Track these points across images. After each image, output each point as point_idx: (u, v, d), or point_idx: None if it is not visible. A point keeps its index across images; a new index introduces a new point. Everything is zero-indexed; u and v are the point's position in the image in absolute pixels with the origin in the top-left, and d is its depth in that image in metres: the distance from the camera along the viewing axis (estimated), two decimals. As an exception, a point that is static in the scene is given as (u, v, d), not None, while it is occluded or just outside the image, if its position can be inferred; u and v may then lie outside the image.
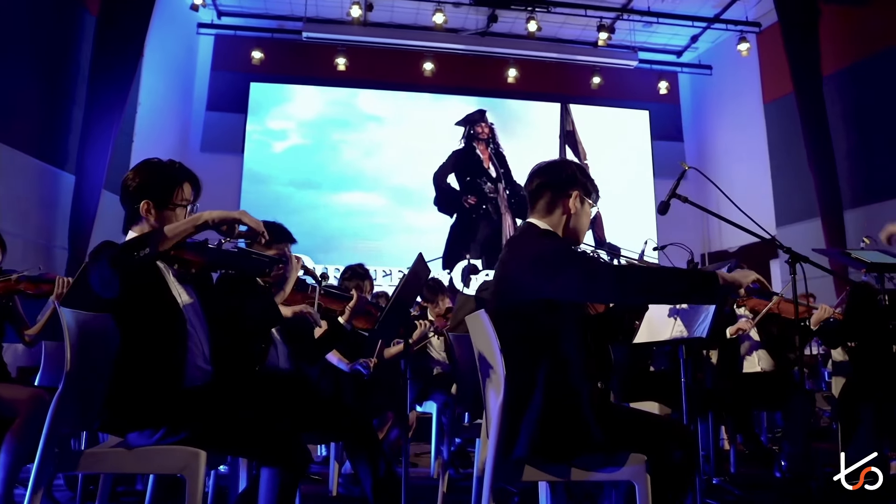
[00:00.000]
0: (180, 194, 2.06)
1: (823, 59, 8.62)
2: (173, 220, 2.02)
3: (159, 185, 2.03)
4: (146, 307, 1.93)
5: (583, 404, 1.88)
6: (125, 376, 1.92)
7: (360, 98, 10.26)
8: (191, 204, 2.08)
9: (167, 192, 2.03)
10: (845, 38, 8.53)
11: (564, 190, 2.07)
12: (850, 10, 8.43)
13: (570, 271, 1.86)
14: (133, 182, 2.03)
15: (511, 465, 1.89)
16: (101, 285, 1.80)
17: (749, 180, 9.83)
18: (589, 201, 2.11)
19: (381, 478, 2.60)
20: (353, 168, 9.96)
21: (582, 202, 2.08)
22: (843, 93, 8.50)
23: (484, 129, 10.41)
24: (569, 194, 2.07)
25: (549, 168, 2.13)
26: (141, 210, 2.01)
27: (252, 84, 10.00)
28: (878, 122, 8.13)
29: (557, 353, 1.91)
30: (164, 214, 2.03)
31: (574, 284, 1.86)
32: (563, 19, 9.85)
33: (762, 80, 9.90)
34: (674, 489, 1.89)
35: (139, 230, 2.03)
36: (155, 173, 2.06)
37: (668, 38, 10.46)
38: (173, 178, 2.06)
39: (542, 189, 2.09)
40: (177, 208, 2.05)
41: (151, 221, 2.02)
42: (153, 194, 2.02)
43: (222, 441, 1.91)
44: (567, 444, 1.86)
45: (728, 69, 10.34)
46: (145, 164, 2.09)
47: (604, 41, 9.60)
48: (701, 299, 2.15)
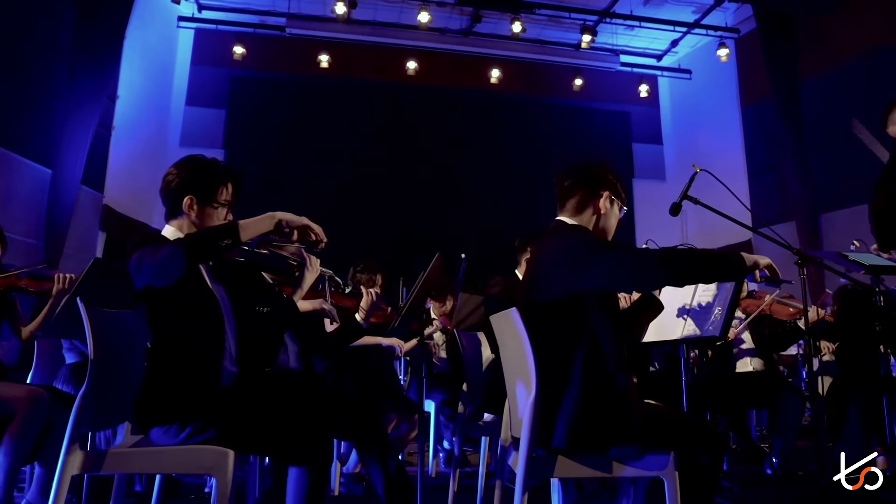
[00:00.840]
0: (224, 193, 2.07)
1: (801, 65, 8.83)
2: (214, 217, 2.04)
3: (204, 182, 2.04)
4: (187, 303, 1.93)
5: (620, 394, 1.91)
6: (159, 372, 1.91)
7: (343, 95, 10.17)
8: (231, 204, 2.09)
9: (211, 190, 2.04)
10: (822, 46, 8.73)
11: (596, 190, 2.10)
12: (827, 19, 8.63)
13: (611, 258, 1.89)
14: (177, 177, 2.03)
15: (543, 460, 1.90)
16: (156, 273, 1.79)
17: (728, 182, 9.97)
18: (618, 202, 2.14)
19: (393, 476, 2.57)
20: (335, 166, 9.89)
21: (612, 203, 2.12)
22: (820, 98, 8.70)
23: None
24: (600, 194, 2.10)
25: (582, 168, 2.16)
26: (184, 205, 2.01)
27: (233, 79, 9.86)
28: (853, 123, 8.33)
29: (594, 347, 1.94)
30: (206, 211, 2.04)
31: (614, 272, 1.89)
32: (547, 21, 9.91)
33: (740, 84, 10.09)
34: (701, 488, 1.91)
35: (178, 225, 2.04)
36: (200, 170, 2.06)
37: (649, 41, 10.59)
38: (218, 175, 2.07)
39: (573, 188, 2.12)
40: (219, 207, 2.05)
41: (192, 217, 2.03)
42: (198, 190, 2.02)
43: (251, 440, 1.88)
44: (605, 433, 1.88)
45: (707, 73, 10.51)
46: (190, 160, 2.09)
47: (587, 44, 9.69)
48: (731, 277, 2.21)
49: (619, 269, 1.89)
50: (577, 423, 1.88)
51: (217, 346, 1.96)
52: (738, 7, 9.58)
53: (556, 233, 2.12)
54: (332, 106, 10.06)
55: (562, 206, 2.16)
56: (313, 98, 10.01)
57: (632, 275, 1.91)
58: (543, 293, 2.01)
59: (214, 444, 1.83)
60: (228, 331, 2.03)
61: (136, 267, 1.86)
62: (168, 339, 1.93)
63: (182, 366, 1.90)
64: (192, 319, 1.94)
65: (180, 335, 1.92)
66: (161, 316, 1.93)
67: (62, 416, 2.67)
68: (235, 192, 2.10)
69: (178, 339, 1.92)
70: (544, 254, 2.09)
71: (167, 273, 1.78)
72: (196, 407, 1.87)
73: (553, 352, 1.92)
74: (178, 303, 1.91)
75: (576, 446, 1.89)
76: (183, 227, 2.03)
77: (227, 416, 1.87)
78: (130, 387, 2.00)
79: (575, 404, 1.89)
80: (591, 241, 2.00)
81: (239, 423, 1.87)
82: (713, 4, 9.51)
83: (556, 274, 1.99)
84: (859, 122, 4.00)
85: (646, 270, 1.87)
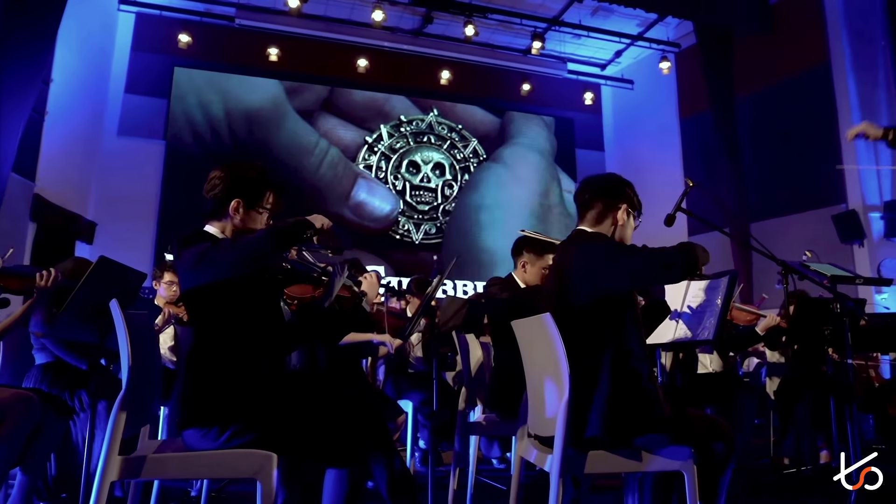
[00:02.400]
0: (268, 199, 2.08)
1: (736, 82, 9.35)
2: (258, 222, 2.06)
3: (252, 187, 2.05)
4: (240, 306, 1.92)
5: (646, 388, 2.04)
6: (203, 372, 1.89)
7: (292, 90, 10.00)
8: (273, 212, 2.10)
9: (258, 195, 2.06)
10: (756, 65, 9.28)
11: (614, 202, 2.23)
12: (762, 40, 9.18)
13: (634, 258, 2.04)
14: (225, 180, 2.04)
15: (575, 457, 1.98)
16: (240, 261, 1.84)
17: (664, 191, 10.45)
18: (634, 214, 2.27)
19: (397, 474, 2.59)
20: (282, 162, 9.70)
21: (628, 215, 2.25)
22: (753, 113, 9.24)
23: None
24: (618, 206, 2.23)
25: (602, 181, 2.29)
26: (230, 208, 2.02)
27: (177, 69, 9.51)
28: (783, 141, 8.90)
29: (620, 345, 2.05)
30: (251, 215, 2.05)
31: (638, 267, 2.04)
32: (497, 25, 10.07)
33: (679, 97, 10.58)
34: (716, 479, 2.04)
35: (221, 227, 2.05)
36: (249, 174, 2.07)
37: (595, 51, 10.93)
38: (266, 182, 2.08)
39: (594, 200, 2.25)
40: (263, 212, 2.07)
41: (237, 221, 2.04)
42: (245, 194, 2.03)
43: (292, 443, 1.86)
44: (635, 423, 2.00)
45: (648, 85, 10.95)
46: (238, 165, 2.10)
47: (537, 50, 9.90)
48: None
49: (646, 264, 2.03)
50: (609, 415, 1.99)
51: (268, 347, 1.95)
52: (679, 23, 10.04)
53: (577, 241, 2.23)
54: (281, 101, 9.87)
55: (582, 217, 2.29)
56: (261, 92, 9.78)
57: (656, 268, 2.03)
58: (574, 299, 2.11)
59: (254, 447, 1.81)
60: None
61: (195, 262, 1.87)
62: (213, 339, 1.92)
63: (226, 365, 1.89)
64: (241, 318, 1.92)
65: (227, 334, 1.91)
66: (208, 314, 1.93)
67: (49, 419, 2.57)
68: (277, 201, 2.11)
69: (225, 339, 1.91)
70: (570, 261, 2.18)
71: (253, 260, 1.86)
72: (238, 409, 1.84)
73: (583, 353, 2.02)
74: (229, 302, 1.90)
75: (608, 436, 2.00)
76: (226, 228, 2.05)
77: (268, 419, 1.86)
78: (156, 390, 1.94)
79: (606, 400, 2.00)
80: (613, 245, 2.15)
81: (280, 426, 1.86)
82: (656, 19, 9.93)
83: (584, 279, 2.10)
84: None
85: (669, 261, 2.01)
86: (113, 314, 1.82)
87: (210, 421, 1.84)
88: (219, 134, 9.53)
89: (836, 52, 8.51)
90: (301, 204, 9.59)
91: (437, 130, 10.80)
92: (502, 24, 10.02)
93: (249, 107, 9.71)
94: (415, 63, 10.46)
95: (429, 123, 10.77)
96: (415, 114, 10.73)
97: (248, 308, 1.94)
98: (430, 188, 10.60)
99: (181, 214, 8.93)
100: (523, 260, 3.15)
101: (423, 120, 10.75)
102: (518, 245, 3.18)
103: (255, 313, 1.96)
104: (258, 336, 1.95)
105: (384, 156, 10.40)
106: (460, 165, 10.82)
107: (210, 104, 9.57)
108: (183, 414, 1.91)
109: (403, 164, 10.50)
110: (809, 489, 3.62)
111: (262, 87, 9.81)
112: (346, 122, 10.27)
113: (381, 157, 10.38)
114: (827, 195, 8.33)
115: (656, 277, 2.15)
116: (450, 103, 10.88)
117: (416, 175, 10.57)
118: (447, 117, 10.87)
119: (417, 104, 10.76)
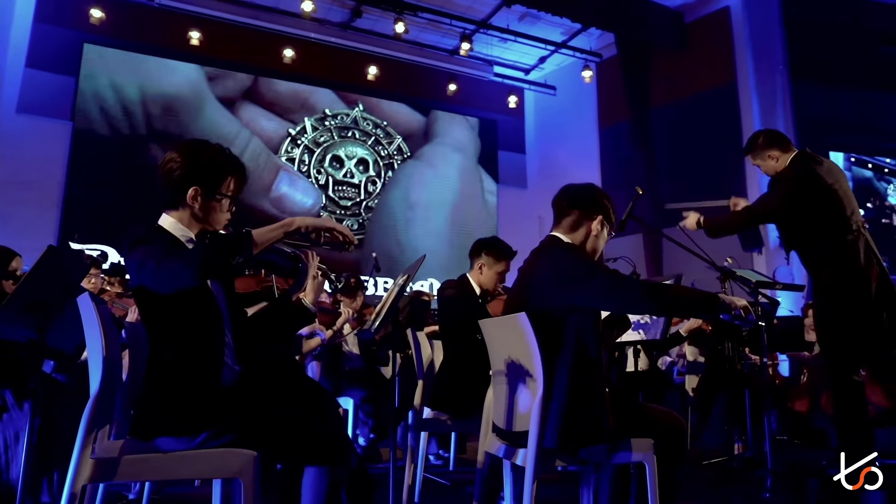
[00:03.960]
0: (228, 185, 1.92)
1: (653, 94, 9.84)
2: (217, 210, 1.91)
3: (211, 173, 1.88)
4: (185, 302, 1.79)
5: (601, 400, 2.11)
6: (161, 376, 1.77)
7: (214, 77, 9.61)
8: (235, 197, 1.95)
9: (217, 182, 1.89)
10: (672, 79, 9.80)
11: (591, 212, 2.28)
12: (678, 55, 9.70)
13: (606, 281, 2.10)
14: (182, 166, 1.85)
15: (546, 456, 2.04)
16: (159, 283, 1.68)
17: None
18: (608, 227, 2.33)
19: (355, 472, 2.58)
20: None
21: (602, 226, 2.30)
22: (667, 125, 9.74)
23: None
24: (594, 217, 2.28)
25: (582, 191, 2.34)
26: (188, 197, 1.85)
27: (87, 45, 8.91)
28: (694, 153, 9.44)
29: (581, 352, 2.12)
30: (211, 204, 1.89)
31: (606, 294, 2.09)
32: (426, 24, 10.09)
33: (599, 105, 11.00)
34: (674, 469, 2.17)
35: (178, 217, 1.88)
36: (207, 159, 1.89)
37: (520, 55, 11.17)
38: (224, 167, 1.91)
39: (571, 208, 2.29)
40: (223, 199, 1.91)
41: (195, 210, 1.88)
42: (204, 181, 1.86)
43: (270, 442, 1.81)
44: (584, 433, 2.07)
45: (570, 92, 11.30)
46: (194, 146, 1.91)
47: (465, 51, 10.00)
48: (705, 315, 2.45)
49: (611, 292, 2.09)
50: (563, 427, 2.05)
51: (219, 345, 1.85)
52: (602, 34, 10.43)
53: (550, 248, 2.28)
54: (201, 87, 9.47)
55: (557, 223, 2.32)
56: (180, 76, 9.35)
57: (622, 299, 2.12)
58: (539, 303, 2.15)
59: (232, 447, 1.75)
60: (227, 328, 1.93)
61: (138, 266, 1.72)
62: (167, 341, 1.81)
63: (185, 368, 1.79)
64: (191, 319, 1.82)
65: (180, 336, 1.80)
66: (159, 316, 1.81)
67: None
68: (239, 184, 1.96)
69: (178, 340, 1.80)
70: (540, 268, 2.23)
71: (171, 285, 1.70)
72: (207, 412, 1.76)
73: (545, 357, 2.07)
74: (176, 302, 1.78)
75: (560, 446, 2.06)
76: (184, 219, 1.88)
77: (241, 419, 1.79)
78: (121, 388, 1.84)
79: (561, 411, 2.06)
80: (586, 262, 2.19)
81: (255, 425, 1.80)
82: (580, 28, 10.27)
83: (552, 287, 2.15)
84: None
85: (635, 298, 2.09)
86: (83, 309, 1.70)
87: (180, 430, 1.75)
88: (132, 117, 9.01)
89: (741, 72, 9.12)
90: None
91: (361, 126, 10.70)
92: (431, 24, 10.05)
93: (167, 91, 9.25)
94: (342, 56, 10.31)
95: (354, 118, 10.65)
96: (340, 108, 10.58)
97: (204, 307, 1.85)
98: (353, 184, 10.49)
99: (88, 200, 8.40)
100: (481, 262, 3.18)
101: (348, 114, 10.62)
102: (477, 247, 3.20)
103: (211, 312, 1.86)
104: (217, 335, 1.86)
105: (307, 149, 10.20)
106: (384, 162, 10.78)
107: (123, 86, 9.03)
108: (148, 422, 1.79)
109: (327, 158, 10.34)
110: (732, 480, 3.87)
111: (181, 71, 9.37)
112: (270, 112, 9.98)
113: (305, 151, 10.17)
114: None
115: (626, 306, 2.26)
116: (376, 99, 10.81)
117: (340, 170, 10.43)
118: (373, 113, 10.80)
119: (343, 98, 10.62)
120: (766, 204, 3.26)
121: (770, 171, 3.32)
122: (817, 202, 3.08)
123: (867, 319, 2.99)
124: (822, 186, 3.08)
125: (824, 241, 3.09)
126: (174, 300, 1.76)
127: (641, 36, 9.64)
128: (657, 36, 9.61)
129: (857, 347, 3.01)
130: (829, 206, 3.08)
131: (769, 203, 3.24)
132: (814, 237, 3.12)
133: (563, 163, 11.47)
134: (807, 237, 3.15)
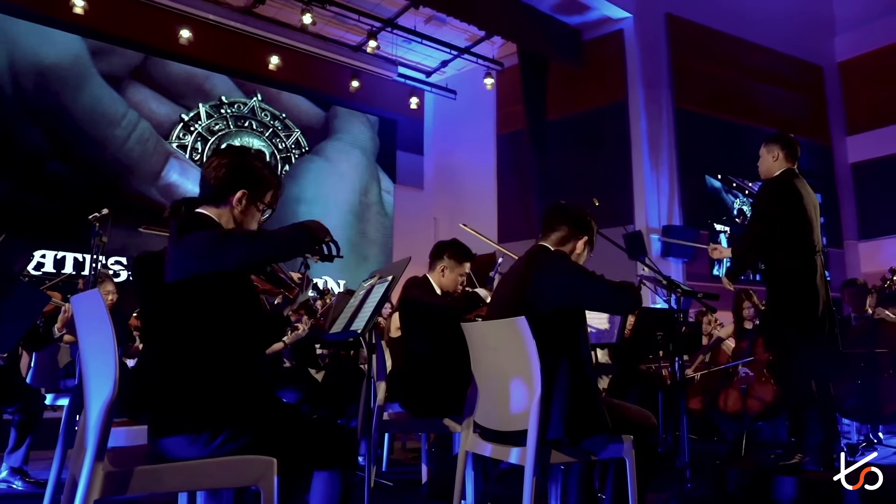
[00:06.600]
0: (269, 196, 1.97)
1: (550, 106, 10.28)
2: (255, 216, 1.94)
3: (259, 181, 1.93)
4: (233, 297, 1.76)
5: (596, 394, 2.28)
6: (187, 373, 1.69)
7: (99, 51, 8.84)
8: (272, 208, 1.99)
9: (263, 190, 1.95)
10: (568, 93, 10.29)
11: (579, 233, 2.49)
12: (575, 71, 10.20)
13: (607, 285, 2.30)
14: (232, 168, 1.89)
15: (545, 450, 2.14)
16: (243, 262, 1.75)
17: (477, 199, 11.17)
18: (589, 248, 2.54)
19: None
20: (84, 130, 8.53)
21: (585, 246, 2.52)
22: (563, 137, 10.22)
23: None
24: (580, 237, 2.50)
25: (574, 211, 2.54)
26: (234, 198, 1.87)
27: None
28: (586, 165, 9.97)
29: (576, 352, 2.29)
30: (250, 210, 1.91)
31: (609, 297, 2.34)
32: (332, 17, 9.91)
33: (498, 112, 11.33)
34: (651, 463, 2.35)
35: (218, 214, 1.87)
36: (263, 167, 1.95)
37: (423, 57, 11.25)
38: (270, 178, 1.97)
39: (561, 224, 2.49)
40: (263, 208, 1.95)
41: (237, 211, 1.89)
42: (251, 186, 1.90)
43: (285, 446, 1.73)
44: (586, 424, 2.21)
45: (470, 97, 11.54)
46: (244, 153, 1.94)
47: (372, 49, 9.94)
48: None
49: (611, 295, 2.33)
50: (569, 419, 2.18)
51: (257, 344, 1.84)
52: (504, 43, 10.76)
53: (544, 255, 2.43)
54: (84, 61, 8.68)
55: (545, 235, 2.50)
56: (59, 47, 8.51)
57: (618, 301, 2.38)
58: (539, 306, 2.27)
59: (249, 451, 1.67)
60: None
61: (205, 248, 1.71)
62: (201, 336, 1.73)
63: (219, 365, 1.72)
64: (236, 315, 1.76)
65: (221, 332, 1.74)
66: (198, 310, 1.73)
67: None
68: (275, 198, 2.00)
69: (218, 337, 1.74)
70: (536, 271, 2.35)
71: (265, 262, 1.89)
72: (232, 410, 1.69)
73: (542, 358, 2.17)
74: (221, 294, 1.73)
75: (567, 438, 2.18)
76: (223, 216, 1.88)
77: (262, 420, 1.73)
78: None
79: (565, 404, 2.19)
80: (583, 270, 2.37)
81: (275, 427, 1.74)
82: (484, 36, 10.53)
83: (552, 291, 2.30)
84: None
85: (629, 299, 2.38)
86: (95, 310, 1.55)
87: (200, 426, 1.66)
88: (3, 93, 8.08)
89: (632, 92, 9.77)
90: (103, 180, 8.56)
91: (259, 116, 10.29)
92: (337, 17, 9.89)
93: (42, 61, 8.37)
94: (242, 42, 9.87)
95: (251, 108, 10.22)
96: (237, 96, 10.12)
97: (235, 301, 1.79)
98: (248, 176, 10.06)
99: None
100: (443, 265, 3.21)
101: (245, 104, 10.17)
102: (439, 248, 3.23)
103: (241, 307, 1.81)
104: (247, 331, 1.80)
105: (201, 137, 9.66)
106: (281, 155, 10.44)
107: (-6, 55, 8.09)
108: (161, 420, 1.69)
109: (221, 147, 9.84)
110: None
111: (60, 41, 8.52)
112: (161, 95, 9.34)
113: (198, 138, 9.63)
114: (620, 216, 9.53)
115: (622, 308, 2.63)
116: (275, 90, 10.43)
117: (234, 160, 9.97)
118: (271, 104, 10.42)
119: (241, 87, 10.15)
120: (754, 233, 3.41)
121: (764, 167, 3.53)
122: (793, 218, 3.29)
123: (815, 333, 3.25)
124: (801, 205, 3.31)
125: (794, 257, 3.29)
126: (219, 292, 1.73)
127: (542, 49, 10.04)
128: (557, 50, 10.06)
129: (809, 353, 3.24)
130: (802, 225, 3.31)
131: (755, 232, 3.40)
132: (789, 252, 3.29)
133: (460, 166, 11.71)
134: (780, 251, 3.30)
